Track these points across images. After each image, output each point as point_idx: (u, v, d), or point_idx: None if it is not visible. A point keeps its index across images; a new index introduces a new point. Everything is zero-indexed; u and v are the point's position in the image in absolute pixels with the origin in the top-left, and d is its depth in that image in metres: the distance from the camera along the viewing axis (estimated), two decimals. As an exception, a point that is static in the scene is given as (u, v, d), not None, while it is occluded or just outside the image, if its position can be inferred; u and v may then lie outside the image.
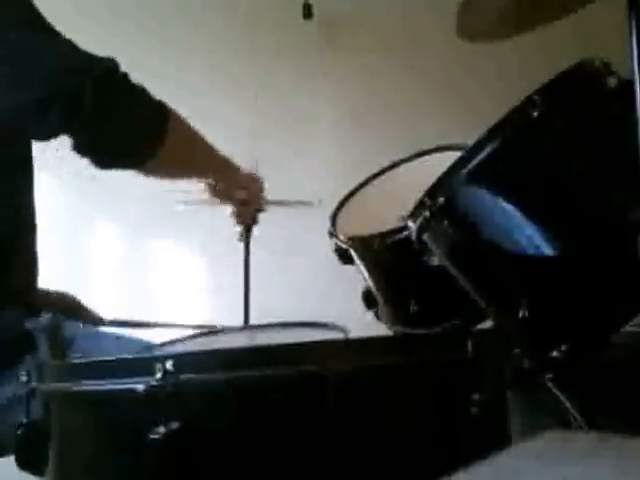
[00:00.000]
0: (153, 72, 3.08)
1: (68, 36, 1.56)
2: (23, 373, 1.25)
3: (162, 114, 1.58)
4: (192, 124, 1.73)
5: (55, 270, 1.94)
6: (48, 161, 1.56)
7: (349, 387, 1.07)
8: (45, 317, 1.44)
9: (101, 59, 1.51)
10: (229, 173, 1.88)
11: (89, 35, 1.54)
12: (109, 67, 1.52)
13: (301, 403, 1.07)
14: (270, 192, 2.08)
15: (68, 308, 1.81)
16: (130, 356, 1.32)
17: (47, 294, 1.76)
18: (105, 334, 1.69)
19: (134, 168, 1.60)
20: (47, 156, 1.60)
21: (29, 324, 1.45)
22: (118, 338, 1.65)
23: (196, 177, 1.88)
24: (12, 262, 1.59)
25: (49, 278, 1.83)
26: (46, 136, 1.54)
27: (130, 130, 1.53)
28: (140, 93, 1.55)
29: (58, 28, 1.57)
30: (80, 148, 1.51)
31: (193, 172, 1.84)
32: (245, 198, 1.95)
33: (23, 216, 1.64)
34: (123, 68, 1.55)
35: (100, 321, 1.85)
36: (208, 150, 1.76)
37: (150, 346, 1.45)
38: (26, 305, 1.57)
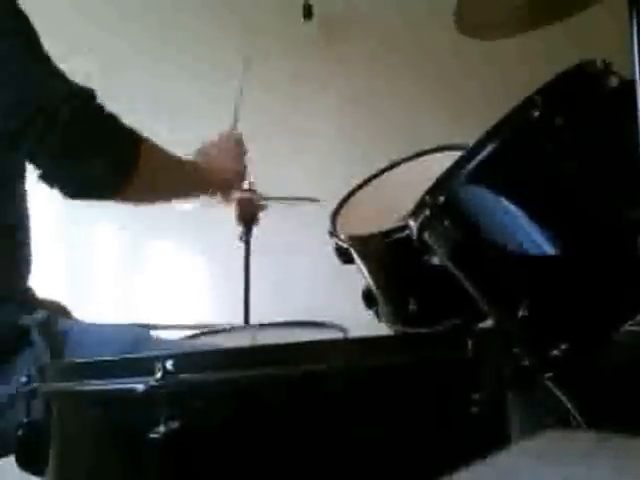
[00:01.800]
0: (153, 72, 3.09)
1: (70, 36, 1.55)
2: (24, 373, 1.26)
3: (134, 146, 1.55)
4: (192, 124, 1.72)
5: (55, 270, 1.95)
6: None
7: (349, 386, 1.07)
8: (39, 313, 1.44)
9: (78, 89, 1.50)
10: (210, 189, 1.85)
11: (90, 35, 1.54)
12: (84, 98, 1.50)
13: (301, 403, 1.07)
14: (270, 191, 2.09)
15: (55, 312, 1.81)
16: (130, 356, 1.32)
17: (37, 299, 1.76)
18: (99, 326, 1.68)
19: (104, 199, 1.59)
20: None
21: (24, 320, 1.45)
22: (112, 327, 1.64)
23: (176, 200, 1.87)
24: (7, 262, 1.59)
25: (49, 278, 1.84)
26: (19, 161, 1.54)
27: (100, 161, 1.52)
28: (113, 124, 1.53)
29: (60, 28, 1.56)
30: (48, 178, 1.51)
31: (172, 197, 1.82)
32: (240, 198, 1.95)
33: (17, 215, 1.64)
34: (124, 68, 1.54)
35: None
36: (185, 173, 1.74)
37: (146, 331, 1.45)
38: (21, 302, 1.57)
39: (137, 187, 1.56)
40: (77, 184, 1.52)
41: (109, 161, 1.53)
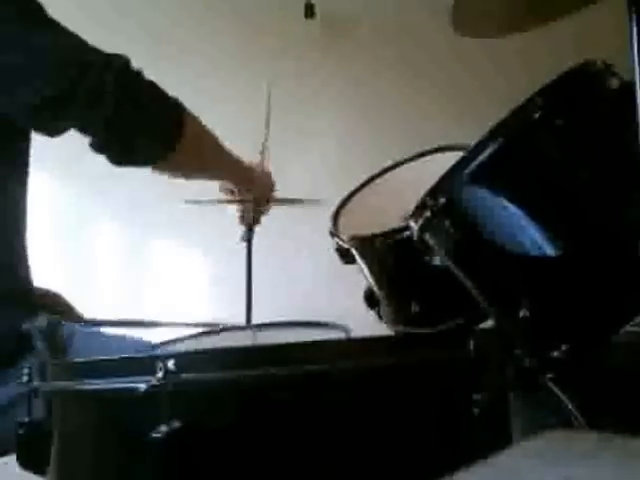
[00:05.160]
0: (154, 71, 3.09)
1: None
2: (25, 372, 1.25)
3: (178, 111, 1.56)
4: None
5: (58, 270, 1.95)
6: (50, 161, 1.56)
7: (351, 387, 1.07)
8: (42, 318, 1.44)
9: (115, 54, 1.50)
10: (241, 174, 1.87)
11: (90, 34, 1.54)
12: (126, 62, 1.50)
13: (302, 402, 1.07)
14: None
15: (55, 305, 1.81)
16: (132, 355, 1.32)
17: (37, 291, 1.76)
18: (103, 334, 1.69)
19: (151, 165, 1.59)
20: (49, 156, 1.60)
21: (26, 325, 1.45)
22: (116, 338, 1.65)
23: (209, 177, 1.87)
24: (7, 262, 1.59)
25: (52, 278, 1.84)
26: (60, 131, 1.53)
27: (148, 127, 1.52)
28: (156, 89, 1.54)
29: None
30: (98, 145, 1.50)
31: (207, 172, 1.82)
32: (255, 197, 1.96)
33: (17, 216, 1.64)
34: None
35: (84, 321, 1.85)
36: (221, 150, 1.75)
37: (150, 345, 1.45)
38: (23, 304, 1.56)
39: (181, 155, 1.56)
40: (126, 152, 1.52)
41: (159, 127, 1.53)
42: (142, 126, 1.51)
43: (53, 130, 1.52)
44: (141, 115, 1.50)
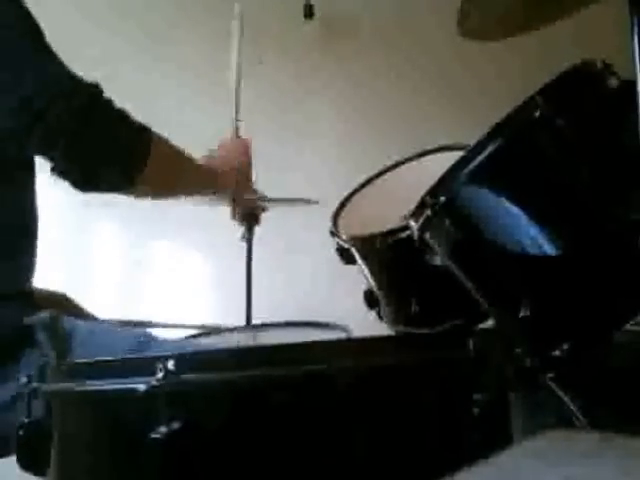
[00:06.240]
0: (154, 71, 3.09)
1: (69, 36, 1.55)
2: (24, 374, 1.26)
3: (144, 141, 1.56)
4: (192, 123, 1.72)
5: (57, 269, 1.95)
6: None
7: (351, 387, 1.07)
8: (44, 313, 1.44)
9: (85, 84, 1.50)
10: (213, 188, 1.87)
11: (90, 34, 1.54)
12: (92, 92, 1.50)
13: (303, 403, 1.07)
14: (271, 192, 2.09)
15: (62, 307, 1.81)
16: (132, 356, 1.32)
17: (40, 292, 1.76)
18: (104, 327, 1.69)
19: (115, 193, 1.59)
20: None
21: (28, 320, 1.45)
22: (117, 330, 1.65)
23: (182, 196, 1.87)
24: (14, 260, 1.59)
25: (51, 277, 1.84)
26: (25, 156, 1.55)
27: (111, 156, 1.53)
28: (123, 119, 1.54)
29: (59, 28, 1.56)
30: (59, 172, 1.51)
31: (178, 193, 1.83)
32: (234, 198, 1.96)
33: (24, 216, 1.64)
34: (124, 68, 1.54)
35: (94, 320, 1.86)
36: (192, 170, 1.74)
37: (150, 337, 1.45)
38: (24, 301, 1.57)
39: (147, 182, 1.56)
40: (89, 179, 1.52)
41: (121, 157, 1.53)
42: (106, 154, 1.52)
43: (18, 154, 1.54)
44: (105, 143, 1.51)
